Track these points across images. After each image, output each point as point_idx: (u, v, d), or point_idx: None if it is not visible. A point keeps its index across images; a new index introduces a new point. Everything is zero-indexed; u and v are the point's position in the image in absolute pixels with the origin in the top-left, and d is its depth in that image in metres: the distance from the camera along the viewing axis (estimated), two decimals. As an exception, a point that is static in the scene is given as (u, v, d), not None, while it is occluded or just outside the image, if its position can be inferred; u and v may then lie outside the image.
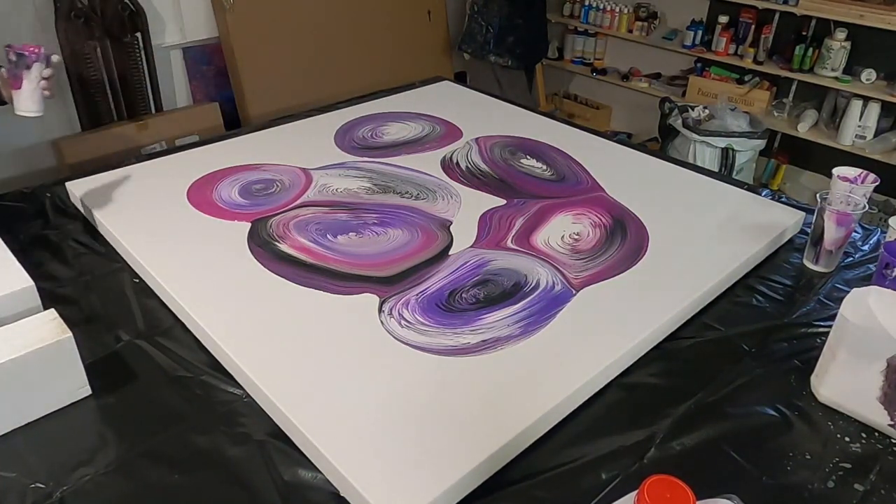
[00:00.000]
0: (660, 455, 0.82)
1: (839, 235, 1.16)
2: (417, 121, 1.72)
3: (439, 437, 0.79)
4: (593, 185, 1.41)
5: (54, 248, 1.22)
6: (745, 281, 1.17)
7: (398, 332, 0.96)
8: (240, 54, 2.59)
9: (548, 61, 3.70)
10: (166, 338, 1.00)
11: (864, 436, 0.86)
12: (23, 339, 0.82)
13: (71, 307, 1.05)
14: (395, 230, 1.21)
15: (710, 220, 1.27)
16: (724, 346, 1.02)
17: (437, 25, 3.28)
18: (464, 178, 1.42)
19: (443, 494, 0.72)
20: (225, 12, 2.52)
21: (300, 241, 1.17)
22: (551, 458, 0.82)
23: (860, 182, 1.22)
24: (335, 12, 2.82)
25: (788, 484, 0.79)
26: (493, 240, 1.19)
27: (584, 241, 1.20)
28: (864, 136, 2.73)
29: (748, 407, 0.90)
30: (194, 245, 1.16)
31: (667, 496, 0.57)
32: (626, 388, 0.93)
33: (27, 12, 2.19)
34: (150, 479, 0.78)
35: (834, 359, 0.87)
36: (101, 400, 0.89)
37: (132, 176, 1.40)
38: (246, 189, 1.35)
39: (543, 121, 1.77)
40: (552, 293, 1.05)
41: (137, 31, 2.37)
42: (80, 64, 2.27)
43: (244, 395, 0.90)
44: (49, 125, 2.34)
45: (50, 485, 0.76)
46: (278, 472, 0.79)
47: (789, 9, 2.77)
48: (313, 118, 1.74)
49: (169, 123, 2.48)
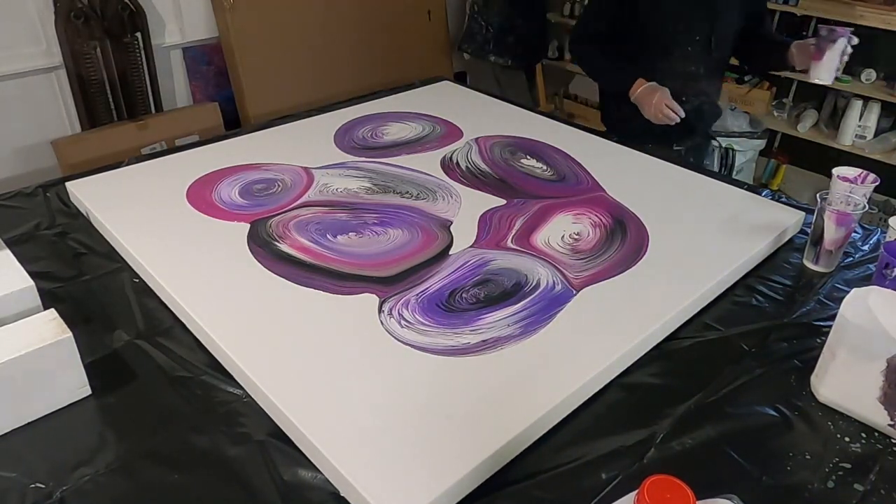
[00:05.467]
0: (660, 455, 0.82)
1: (839, 235, 1.16)
2: (417, 121, 1.72)
3: (439, 437, 0.79)
4: (593, 185, 1.41)
5: (54, 248, 1.22)
6: (745, 281, 1.17)
7: (398, 332, 0.96)
8: (240, 54, 2.59)
9: (548, 61, 3.70)
10: (166, 338, 1.00)
11: (864, 436, 0.86)
12: (23, 339, 0.82)
13: (71, 307, 1.05)
14: (395, 230, 1.21)
15: (710, 220, 1.27)
16: (724, 346, 1.01)
17: (437, 25, 3.28)
18: (464, 178, 1.42)
19: (443, 494, 0.72)
20: (225, 12, 2.52)
21: (300, 241, 1.17)
22: (551, 458, 0.82)
23: (860, 182, 1.22)
24: (335, 12, 2.83)
25: (788, 484, 0.79)
26: (493, 240, 1.19)
27: (584, 241, 1.20)
28: (864, 136, 2.73)
29: (748, 407, 0.90)
30: (194, 245, 1.16)
31: (667, 496, 0.57)
32: (626, 388, 0.93)
33: (27, 12, 2.19)
34: (150, 479, 0.78)
35: (834, 359, 0.87)
36: (101, 400, 0.89)
37: (132, 176, 1.40)
38: (246, 189, 1.35)
39: (543, 121, 1.77)
40: (552, 293, 1.05)
41: (137, 30, 2.37)
42: (79, 64, 2.28)
43: (244, 395, 0.90)
44: (49, 125, 2.35)
45: (50, 485, 0.76)
46: (278, 472, 0.79)
47: (789, 9, 2.77)
48: (313, 118, 1.74)
49: (169, 123, 2.49)
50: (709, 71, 1.75)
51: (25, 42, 2.22)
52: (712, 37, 1.68)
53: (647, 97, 1.64)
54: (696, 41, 1.69)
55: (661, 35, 1.69)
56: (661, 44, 1.70)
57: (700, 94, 1.76)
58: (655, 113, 1.62)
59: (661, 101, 1.61)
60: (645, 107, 1.65)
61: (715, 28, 1.68)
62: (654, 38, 1.69)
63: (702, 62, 1.72)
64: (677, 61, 1.70)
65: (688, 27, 1.67)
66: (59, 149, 2.28)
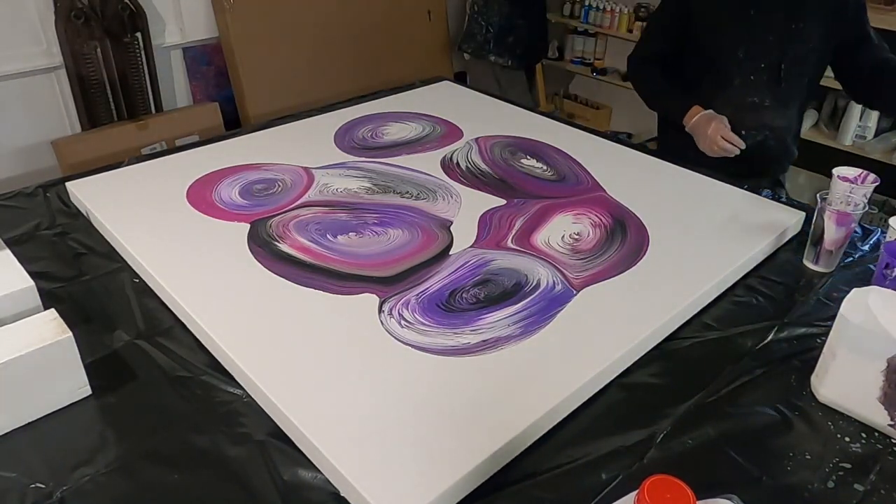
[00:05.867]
0: (660, 455, 0.82)
1: (839, 235, 1.16)
2: (417, 121, 1.72)
3: (439, 437, 0.79)
4: (593, 185, 1.41)
5: (54, 248, 1.22)
6: (745, 281, 1.17)
7: (398, 332, 0.96)
8: (240, 54, 2.59)
9: (548, 61, 3.70)
10: (166, 338, 1.00)
11: (864, 436, 0.86)
12: (23, 339, 0.82)
13: (71, 307, 1.05)
14: (395, 230, 1.21)
15: (710, 220, 1.27)
16: (724, 346, 1.02)
17: (437, 25, 3.28)
18: (464, 178, 1.42)
19: (443, 494, 0.72)
20: (225, 12, 2.52)
21: (300, 241, 1.17)
22: (551, 458, 0.82)
23: (860, 182, 1.22)
24: (335, 12, 2.83)
25: (788, 484, 0.79)
26: (493, 240, 1.19)
27: (584, 241, 1.20)
28: (864, 136, 2.73)
29: (748, 407, 0.90)
30: (194, 245, 1.16)
31: (667, 496, 0.57)
32: (626, 388, 0.93)
33: (27, 12, 2.19)
34: (150, 479, 0.78)
35: (834, 359, 0.87)
36: (101, 400, 0.89)
37: (132, 176, 1.40)
38: (246, 189, 1.35)
39: (543, 121, 1.77)
40: (552, 293, 1.05)
41: (137, 31, 2.37)
42: (79, 64, 2.27)
43: (244, 395, 0.90)
44: (49, 125, 2.35)
45: (50, 485, 0.76)
46: (278, 472, 0.79)
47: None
48: (313, 118, 1.74)
49: (169, 123, 2.48)
50: (777, 103, 1.55)
51: (25, 42, 2.22)
52: (782, 65, 1.50)
53: (702, 127, 1.48)
54: (760, 69, 1.52)
55: (720, 60, 1.53)
56: (721, 69, 1.54)
57: (763, 129, 1.57)
58: (710, 145, 1.46)
59: (716, 132, 1.44)
60: (699, 137, 1.49)
61: (786, 55, 1.50)
62: (713, 62, 1.54)
63: (768, 93, 1.54)
64: (738, 90, 1.54)
65: (750, 53, 1.51)
66: (59, 149, 2.28)
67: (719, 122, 1.46)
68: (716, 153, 1.46)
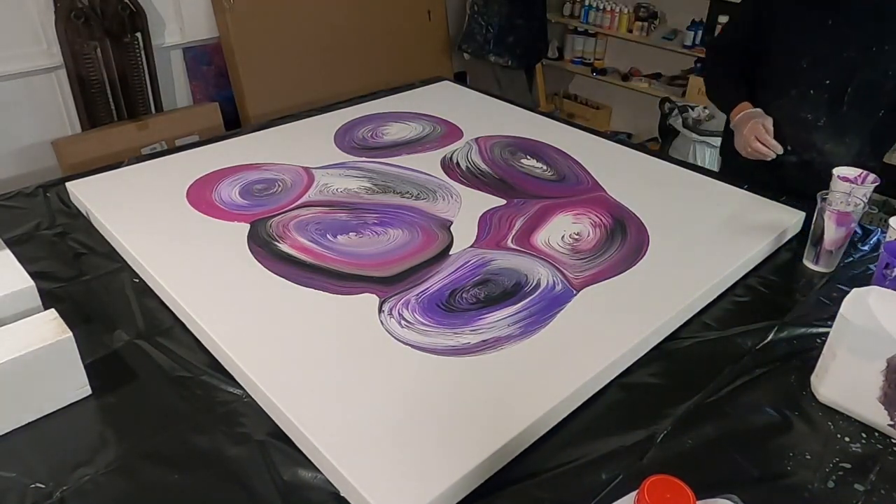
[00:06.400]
0: (660, 455, 0.82)
1: (839, 235, 1.16)
2: (417, 121, 1.72)
3: (439, 437, 0.79)
4: (593, 185, 1.41)
5: (54, 248, 1.22)
6: (744, 281, 1.17)
7: (398, 332, 0.96)
8: (240, 54, 2.59)
9: (548, 61, 3.70)
10: (166, 338, 1.00)
11: (864, 436, 0.86)
12: (23, 339, 0.82)
13: (71, 307, 1.05)
14: (395, 230, 1.21)
15: (710, 220, 1.27)
16: (723, 346, 1.02)
17: (437, 25, 3.29)
18: (464, 178, 1.42)
19: (443, 494, 0.72)
20: (225, 12, 2.52)
21: (300, 241, 1.17)
22: (551, 458, 0.82)
23: (860, 182, 1.22)
24: (335, 12, 2.83)
25: (788, 484, 0.79)
26: (493, 240, 1.19)
27: (584, 241, 1.20)
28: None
29: (748, 407, 0.90)
30: (194, 245, 1.16)
31: (667, 496, 0.57)
32: (626, 388, 0.93)
33: (27, 12, 2.19)
34: (150, 479, 0.78)
35: (834, 359, 0.87)
36: (101, 400, 0.89)
37: (132, 176, 1.40)
38: (246, 189, 1.35)
39: (543, 121, 1.77)
40: (552, 293, 1.05)
41: (137, 31, 2.37)
42: (79, 64, 2.28)
43: (244, 395, 0.90)
44: (49, 125, 2.35)
45: (50, 485, 0.76)
46: (278, 472, 0.79)
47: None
48: (313, 118, 1.74)
49: (169, 123, 2.49)
50: (833, 127, 1.39)
51: (26, 42, 2.22)
52: (849, 87, 1.34)
53: (742, 125, 1.38)
54: (823, 84, 1.36)
55: (782, 64, 1.41)
56: (780, 75, 1.42)
57: (811, 150, 1.42)
58: (744, 145, 1.36)
59: (752, 132, 1.34)
60: (737, 136, 1.40)
61: (856, 77, 1.33)
62: (774, 65, 1.43)
63: (824, 112, 1.38)
64: (793, 101, 1.40)
65: (816, 65, 1.36)
66: (60, 149, 2.28)
67: (758, 123, 1.35)
68: (749, 155, 1.36)
